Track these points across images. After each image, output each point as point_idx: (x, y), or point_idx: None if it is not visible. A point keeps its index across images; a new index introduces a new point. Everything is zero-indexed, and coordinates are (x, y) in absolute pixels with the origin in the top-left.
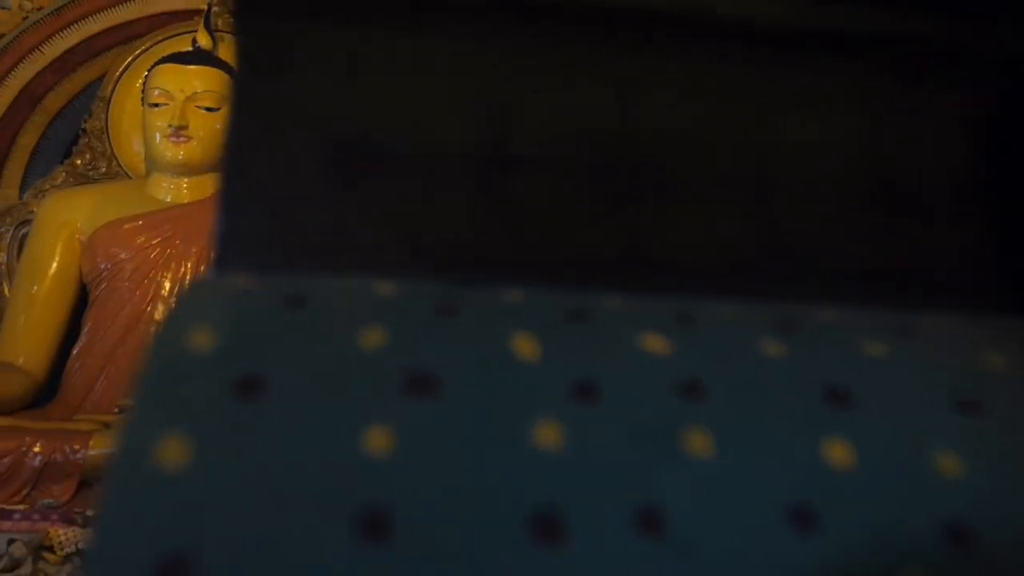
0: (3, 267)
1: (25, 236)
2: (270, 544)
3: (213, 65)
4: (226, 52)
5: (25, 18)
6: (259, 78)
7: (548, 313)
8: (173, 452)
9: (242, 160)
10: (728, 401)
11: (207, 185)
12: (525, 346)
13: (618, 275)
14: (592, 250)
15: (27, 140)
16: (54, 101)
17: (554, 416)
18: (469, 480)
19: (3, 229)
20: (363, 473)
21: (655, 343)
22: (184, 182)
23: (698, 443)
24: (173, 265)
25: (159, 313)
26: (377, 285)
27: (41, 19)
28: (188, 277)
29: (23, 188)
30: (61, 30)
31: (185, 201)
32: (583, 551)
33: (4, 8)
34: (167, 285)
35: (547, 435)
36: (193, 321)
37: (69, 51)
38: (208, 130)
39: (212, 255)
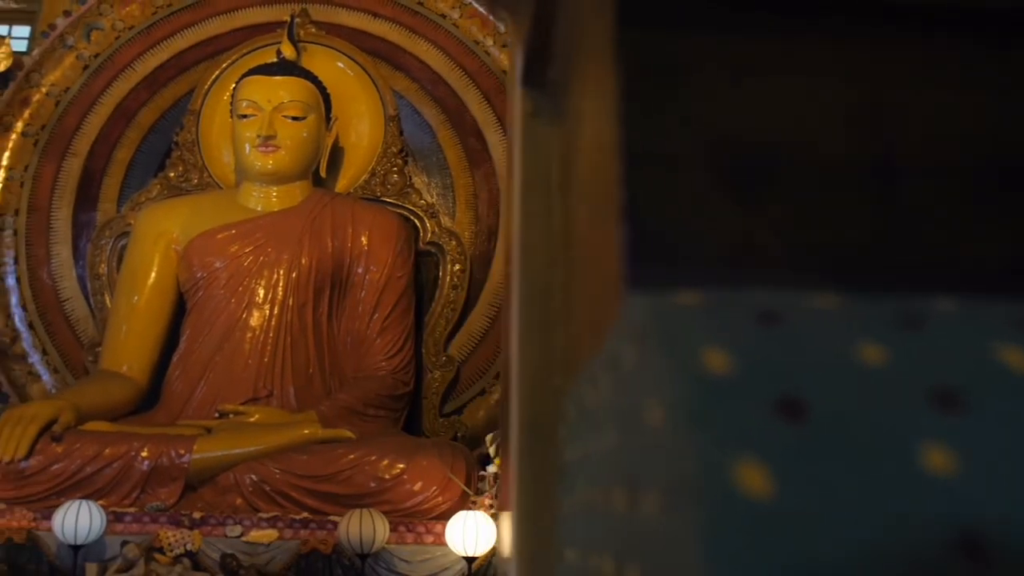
0: (104, 278)
1: (124, 248)
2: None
3: (298, 75)
4: (309, 62)
5: (117, 37)
6: (645, 88)
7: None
8: (751, 477)
9: (640, 173)
10: None
11: (295, 193)
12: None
13: (1007, 282)
14: (981, 257)
15: (123, 155)
16: (147, 116)
17: None
18: None
19: (103, 242)
20: (936, 494)
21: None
22: (273, 190)
23: None
24: (266, 272)
25: (254, 319)
26: (821, 299)
27: (132, 38)
28: (281, 283)
29: (120, 201)
30: (151, 47)
31: (275, 209)
32: None
33: (97, 29)
34: (260, 292)
35: None
36: (695, 342)
37: (159, 67)
38: (295, 139)
39: (622, 271)
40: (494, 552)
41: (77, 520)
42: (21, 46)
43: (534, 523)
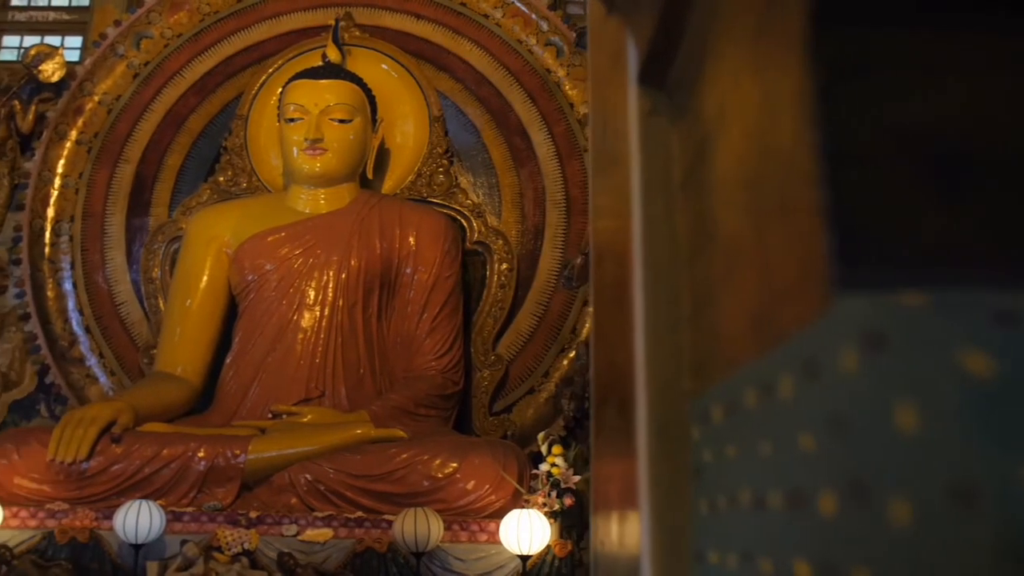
0: (158, 282)
1: (176, 252)
2: None
3: (344, 78)
4: (353, 64)
5: (166, 45)
6: (840, 86)
7: None
8: None
9: (842, 173)
10: None
11: (343, 194)
12: None
13: None
14: None
15: (173, 160)
16: (196, 122)
17: None
18: None
19: (156, 246)
20: None
21: None
22: (321, 193)
23: None
24: (316, 273)
25: (305, 321)
26: None
27: (180, 45)
28: (331, 284)
29: (172, 206)
30: (199, 54)
31: (323, 211)
32: None
33: (147, 37)
34: (311, 293)
35: None
36: (946, 344)
37: (207, 73)
38: (342, 141)
39: (831, 271)
40: (548, 550)
41: (138, 520)
42: (74, 56)
43: (665, 523)
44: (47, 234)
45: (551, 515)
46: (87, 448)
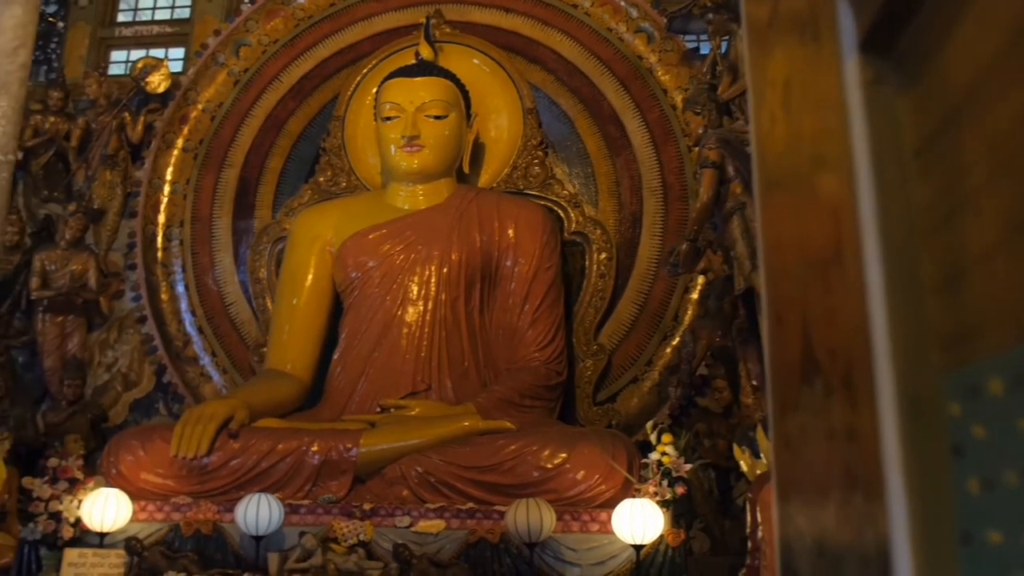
0: (264, 282)
1: (281, 252)
2: None
3: (438, 75)
4: (445, 61)
5: (264, 51)
6: None
7: None
8: None
9: None
10: None
11: (441, 190)
12: None
13: None
14: None
15: (275, 163)
16: (295, 124)
17: None
18: None
19: (261, 247)
20: None
21: None
22: (420, 189)
23: None
24: (418, 269)
25: (409, 315)
26: None
27: (277, 51)
28: (433, 279)
29: (275, 208)
30: (296, 58)
31: (422, 207)
32: None
33: (245, 45)
34: (414, 288)
35: None
36: None
37: (304, 77)
38: (438, 137)
39: None
40: (661, 540)
41: (258, 512)
42: (177, 67)
43: (924, 506)
44: (159, 239)
45: (662, 504)
46: (207, 444)
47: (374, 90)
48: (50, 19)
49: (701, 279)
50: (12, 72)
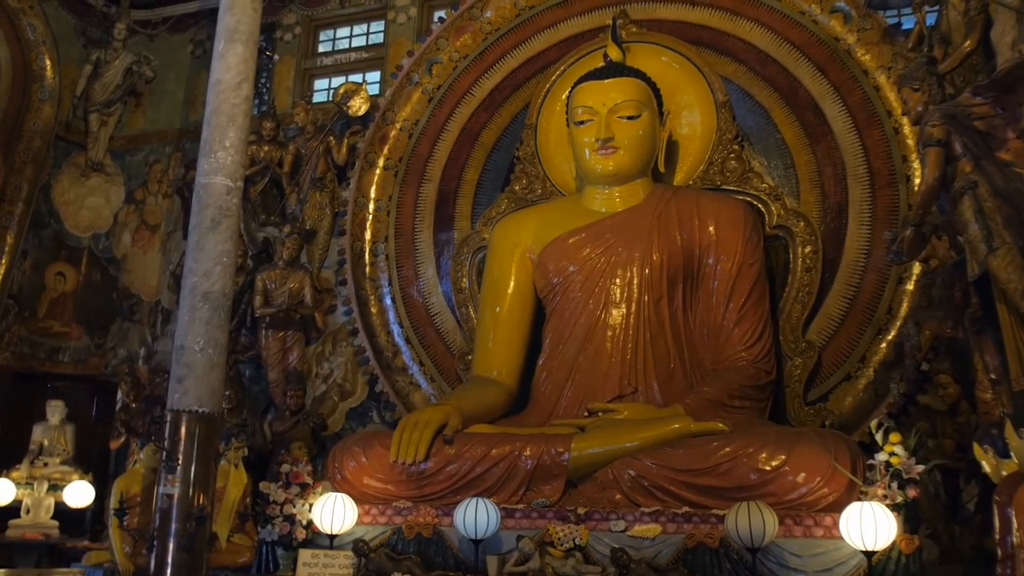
0: (466, 291)
1: (482, 261)
2: None
3: (628, 75)
4: (633, 60)
5: (455, 68)
6: None
7: None
8: None
9: None
10: None
11: (638, 191)
12: None
13: None
14: None
15: (471, 175)
16: (488, 136)
17: None
18: None
19: (462, 258)
20: None
21: None
22: (616, 191)
23: None
24: (619, 271)
25: (613, 318)
26: None
27: (468, 66)
28: (635, 281)
29: (473, 218)
30: (486, 71)
31: (619, 209)
32: None
33: (437, 63)
34: (616, 291)
35: None
36: None
37: (495, 89)
38: (632, 138)
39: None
40: (893, 546)
41: (476, 516)
42: (375, 90)
43: None
44: (366, 255)
45: (893, 508)
46: (424, 450)
47: (564, 96)
48: (267, 54)
49: (918, 268)
50: (237, 105)
